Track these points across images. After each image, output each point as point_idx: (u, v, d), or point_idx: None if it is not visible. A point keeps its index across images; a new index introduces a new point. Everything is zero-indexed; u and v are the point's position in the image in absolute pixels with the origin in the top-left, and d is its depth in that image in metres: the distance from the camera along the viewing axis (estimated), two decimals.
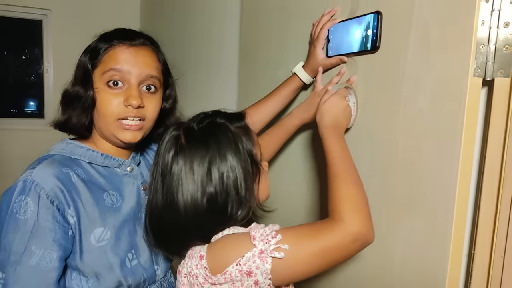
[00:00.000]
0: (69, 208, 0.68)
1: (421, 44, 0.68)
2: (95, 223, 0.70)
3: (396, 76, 0.73)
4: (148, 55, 0.74)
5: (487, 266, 0.64)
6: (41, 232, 0.65)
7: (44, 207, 0.65)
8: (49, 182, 0.66)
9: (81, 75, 0.72)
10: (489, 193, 0.65)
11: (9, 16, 3.67)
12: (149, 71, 0.73)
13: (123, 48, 0.72)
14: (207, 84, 1.96)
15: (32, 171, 0.67)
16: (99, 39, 0.74)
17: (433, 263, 0.67)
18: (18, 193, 0.65)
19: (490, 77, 0.63)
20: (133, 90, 0.70)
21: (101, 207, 0.72)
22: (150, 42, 0.76)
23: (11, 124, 3.83)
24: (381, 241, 0.75)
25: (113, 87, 0.70)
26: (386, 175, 0.75)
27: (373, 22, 0.75)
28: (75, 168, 0.71)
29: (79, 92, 0.71)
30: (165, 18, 2.82)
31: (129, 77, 0.71)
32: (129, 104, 0.69)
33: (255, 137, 0.67)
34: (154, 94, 0.75)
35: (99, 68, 0.71)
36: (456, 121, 0.63)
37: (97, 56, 0.72)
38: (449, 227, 0.64)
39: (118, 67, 0.70)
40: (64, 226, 0.67)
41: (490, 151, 0.65)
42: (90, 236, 0.70)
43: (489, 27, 0.61)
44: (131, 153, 0.81)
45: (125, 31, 0.76)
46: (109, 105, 0.70)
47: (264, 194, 0.69)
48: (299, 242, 0.57)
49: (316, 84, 0.87)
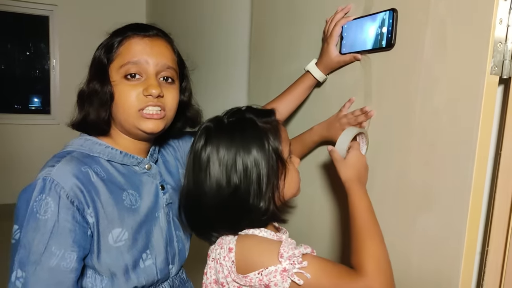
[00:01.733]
0: (89, 208, 0.67)
1: (437, 42, 0.68)
2: (113, 223, 0.70)
3: (411, 74, 0.73)
4: (163, 45, 0.74)
5: (501, 263, 0.65)
6: (61, 233, 0.65)
7: (65, 208, 0.65)
8: (68, 181, 0.66)
9: (97, 70, 0.72)
10: (503, 191, 0.65)
11: (15, 12, 3.68)
12: (166, 61, 0.72)
13: (138, 39, 0.71)
14: (217, 80, 1.97)
15: (51, 169, 0.66)
16: (112, 35, 0.74)
17: (448, 261, 0.67)
18: (38, 192, 0.65)
19: (507, 75, 0.63)
20: (152, 79, 0.70)
21: (120, 207, 0.72)
22: (163, 34, 0.76)
23: (17, 119, 3.84)
24: (398, 242, 0.76)
25: (131, 79, 0.70)
26: (402, 174, 0.76)
27: (388, 20, 0.75)
28: (94, 167, 0.71)
29: (96, 88, 0.70)
30: (172, 14, 2.82)
31: (146, 67, 0.70)
32: (149, 93, 0.69)
33: (283, 134, 0.68)
34: (172, 84, 0.74)
35: (115, 62, 0.71)
36: (472, 120, 0.63)
37: (112, 49, 0.71)
38: (463, 225, 0.65)
39: (135, 60, 0.70)
40: (83, 226, 0.67)
41: (505, 150, 0.65)
42: (108, 236, 0.70)
43: (507, 25, 0.62)
44: (149, 150, 0.81)
45: (137, 24, 0.75)
46: (128, 97, 0.70)
47: (291, 190, 0.70)
48: (321, 277, 0.59)
49: (342, 109, 0.89)
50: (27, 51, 3.96)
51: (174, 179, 0.84)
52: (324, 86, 0.95)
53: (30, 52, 3.96)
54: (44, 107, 3.89)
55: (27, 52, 3.96)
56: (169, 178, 0.83)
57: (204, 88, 2.06)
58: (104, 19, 3.37)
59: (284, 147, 0.68)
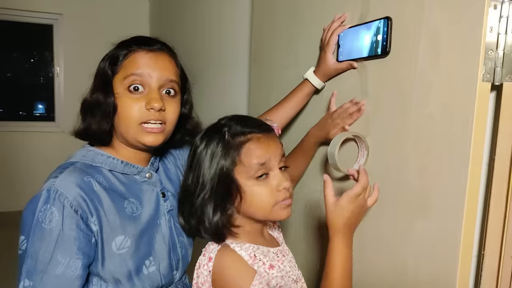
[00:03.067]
0: (92, 217, 0.69)
1: (431, 49, 0.70)
2: (116, 231, 0.72)
3: (406, 80, 0.74)
4: (167, 59, 0.76)
5: (497, 266, 0.66)
6: (66, 241, 0.66)
7: (69, 217, 0.67)
8: (72, 191, 0.68)
9: (101, 82, 0.74)
10: (498, 195, 0.66)
11: (20, 21, 3.74)
12: (169, 75, 0.74)
13: (143, 53, 0.73)
14: (217, 87, 1.99)
15: (55, 180, 0.68)
16: (117, 47, 0.76)
17: (444, 265, 0.68)
18: (43, 203, 0.66)
19: (499, 81, 0.64)
20: (154, 93, 0.72)
21: (122, 215, 0.73)
22: (168, 48, 0.78)
23: (22, 127, 3.88)
24: (396, 245, 0.77)
25: (134, 92, 0.72)
26: (399, 179, 0.77)
27: (383, 28, 0.77)
28: (96, 176, 0.72)
29: (99, 99, 0.72)
30: (175, 23, 2.85)
31: (149, 81, 0.72)
32: (151, 107, 0.71)
33: (259, 151, 0.66)
34: (174, 97, 0.76)
35: (119, 74, 0.73)
36: (466, 125, 0.65)
37: (116, 62, 0.73)
38: (459, 229, 0.66)
39: (139, 72, 0.72)
40: (87, 234, 0.69)
41: (499, 155, 0.66)
42: (112, 244, 0.71)
43: (498, 33, 0.63)
44: (150, 159, 0.82)
45: (142, 38, 0.77)
46: (131, 109, 0.71)
47: (258, 211, 0.68)
48: None
49: (330, 106, 0.92)
50: (31, 59, 4.02)
51: (175, 187, 0.86)
52: (322, 93, 0.97)
53: (34, 60, 4.02)
54: (49, 113, 3.93)
55: (32, 60, 4.02)
56: (170, 185, 0.85)
57: (205, 95, 2.08)
58: (107, 28, 3.42)
59: (249, 166, 0.66)
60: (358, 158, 0.85)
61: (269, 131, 0.70)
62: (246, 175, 0.66)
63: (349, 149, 0.88)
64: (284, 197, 0.67)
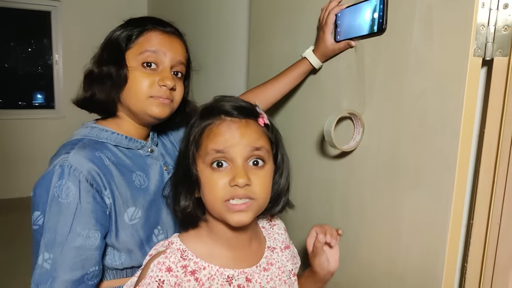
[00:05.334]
0: (105, 190, 0.72)
1: (424, 25, 0.72)
2: (127, 203, 0.75)
3: (401, 56, 0.77)
4: (179, 43, 0.80)
5: (484, 233, 0.69)
6: (84, 214, 0.69)
7: (85, 190, 0.69)
8: (85, 166, 0.70)
9: (114, 54, 0.76)
10: (487, 166, 0.69)
11: (18, 8, 3.71)
12: (181, 57, 0.78)
13: (158, 32, 0.77)
14: (217, 64, 2.01)
15: (67, 156, 0.70)
16: (130, 23, 0.78)
17: (435, 234, 0.71)
18: (58, 178, 0.68)
19: (490, 56, 0.67)
20: (167, 72, 0.76)
21: (132, 188, 0.77)
22: (179, 33, 0.82)
23: (23, 115, 3.88)
24: (391, 216, 0.80)
25: (147, 67, 0.75)
26: (393, 153, 0.80)
27: (379, 5, 0.79)
28: (105, 151, 0.75)
29: (111, 71, 0.74)
30: (173, 8, 2.85)
31: (163, 59, 0.76)
32: (164, 84, 0.74)
33: (218, 136, 0.60)
34: (180, 79, 0.80)
35: (133, 49, 0.75)
36: (457, 99, 0.67)
37: (131, 38, 0.76)
38: (449, 198, 0.69)
39: (155, 49, 0.75)
40: (103, 206, 0.72)
41: (488, 127, 0.69)
42: (124, 215, 0.75)
43: (489, 8, 0.65)
44: (150, 135, 0.86)
45: (157, 19, 0.81)
46: (142, 83, 0.74)
47: (209, 203, 0.61)
48: None
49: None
50: (29, 48, 4.00)
51: (174, 160, 0.89)
52: (319, 72, 0.99)
53: (32, 48, 4.01)
54: (48, 103, 3.93)
55: (30, 48, 4.00)
56: (170, 159, 0.89)
57: (204, 73, 2.10)
58: (105, 14, 3.41)
59: (205, 150, 0.60)
60: (354, 135, 0.88)
61: (247, 117, 0.62)
62: (202, 160, 0.61)
63: (345, 126, 0.91)
64: (232, 195, 0.58)
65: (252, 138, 0.61)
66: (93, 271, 0.70)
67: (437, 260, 0.71)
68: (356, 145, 0.87)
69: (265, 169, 0.62)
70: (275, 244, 0.72)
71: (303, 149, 1.07)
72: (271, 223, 0.76)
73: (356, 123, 0.87)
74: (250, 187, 0.59)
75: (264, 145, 0.62)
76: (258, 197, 0.60)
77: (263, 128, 0.64)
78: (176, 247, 0.63)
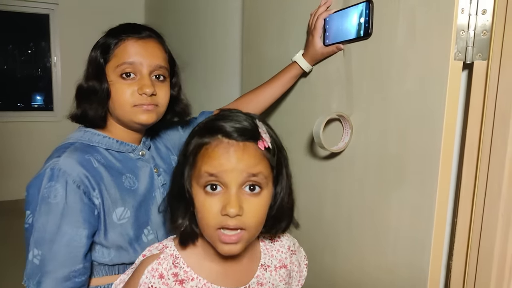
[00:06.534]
0: (94, 191, 0.75)
1: (408, 31, 0.75)
2: (116, 203, 0.78)
3: (386, 60, 0.80)
4: (156, 46, 0.81)
5: (468, 227, 0.72)
6: (71, 213, 0.73)
7: (72, 192, 0.73)
8: (74, 169, 0.74)
9: (94, 70, 0.79)
10: (469, 164, 0.72)
11: (16, 11, 3.73)
12: (158, 61, 0.80)
13: (132, 41, 0.79)
14: (211, 72, 2.03)
15: (58, 160, 0.74)
16: (107, 35, 0.81)
17: (421, 228, 0.74)
18: (48, 180, 0.72)
19: (470, 60, 0.69)
20: (146, 79, 0.78)
21: (121, 189, 0.80)
22: (156, 35, 0.84)
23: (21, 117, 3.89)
24: (379, 211, 0.83)
25: (126, 78, 0.78)
26: (380, 153, 0.83)
27: (365, 10, 0.82)
28: (95, 155, 0.79)
29: (95, 86, 0.78)
30: (169, 10, 2.88)
31: (141, 68, 0.78)
32: (143, 92, 0.77)
33: (212, 159, 0.57)
34: (163, 82, 0.82)
35: (111, 62, 0.78)
36: (440, 101, 0.70)
37: (108, 51, 0.79)
38: (433, 195, 0.71)
39: (130, 60, 0.77)
40: (90, 206, 0.75)
41: (470, 127, 0.72)
42: (112, 215, 0.78)
43: (469, 14, 0.68)
44: (142, 139, 0.89)
45: (131, 26, 0.83)
46: (124, 94, 0.77)
47: (202, 226, 0.60)
48: None
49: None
50: (28, 50, 4.02)
51: (166, 163, 0.93)
52: (310, 76, 1.02)
53: (31, 50, 4.03)
54: (47, 105, 3.96)
55: (29, 50, 4.02)
56: (161, 162, 0.91)
57: (199, 81, 2.13)
58: (103, 16, 3.43)
59: (199, 172, 0.58)
60: (342, 136, 0.91)
61: (246, 140, 0.57)
62: (196, 182, 0.58)
63: (334, 128, 0.94)
64: (223, 225, 0.56)
65: (250, 164, 0.57)
66: (79, 269, 0.74)
67: (423, 253, 0.74)
68: (345, 146, 0.90)
69: (261, 195, 0.59)
70: (269, 262, 0.69)
71: (293, 151, 1.09)
72: (274, 239, 0.72)
73: (345, 124, 0.90)
74: (241, 218, 0.56)
75: (262, 171, 0.58)
76: (249, 227, 0.58)
77: (263, 151, 0.59)
78: (169, 253, 0.63)
